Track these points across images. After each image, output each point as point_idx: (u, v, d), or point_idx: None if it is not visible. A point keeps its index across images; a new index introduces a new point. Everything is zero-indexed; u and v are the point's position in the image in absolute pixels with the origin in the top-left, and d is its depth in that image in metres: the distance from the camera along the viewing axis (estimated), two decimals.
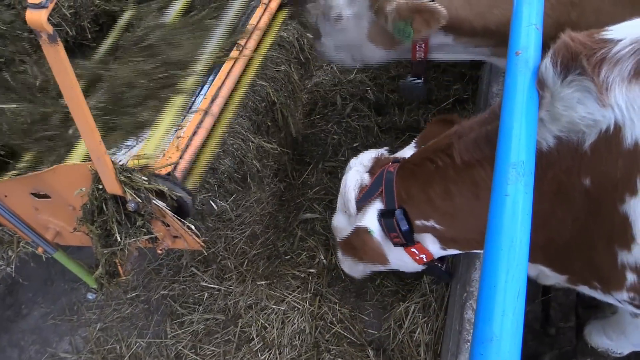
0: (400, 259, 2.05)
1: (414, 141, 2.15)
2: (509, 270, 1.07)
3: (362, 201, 1.98)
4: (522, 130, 1.30)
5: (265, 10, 2.48)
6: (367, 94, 3.47)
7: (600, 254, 1.59)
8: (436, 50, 2.47)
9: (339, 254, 2.28)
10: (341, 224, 2.14)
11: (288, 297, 2.77)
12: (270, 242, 3.03)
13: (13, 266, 2.47)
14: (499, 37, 2.18)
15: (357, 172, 2.02)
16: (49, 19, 1.25)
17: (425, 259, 2.01)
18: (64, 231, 2.18)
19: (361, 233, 1.97)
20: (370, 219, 1.95)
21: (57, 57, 1.30)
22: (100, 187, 1.67)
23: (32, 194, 2.01)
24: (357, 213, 2.00)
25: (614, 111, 1.36)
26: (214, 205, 1.96)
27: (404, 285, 2.75)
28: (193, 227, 1.81)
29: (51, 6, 1.24)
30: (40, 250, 2.22)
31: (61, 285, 3.29)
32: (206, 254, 2.97)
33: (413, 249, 1.97)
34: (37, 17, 1.23)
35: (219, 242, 3.05)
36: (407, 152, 2.08)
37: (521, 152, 1.26)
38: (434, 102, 3.37)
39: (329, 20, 2.46)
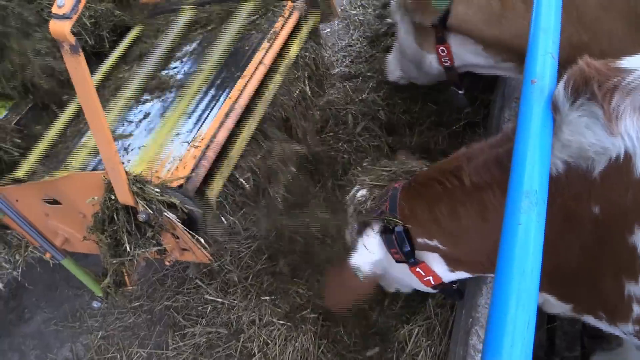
0: (404, 275, 2.03)
1: None
2: (519, 300, 1.07)
3: (370, 215, 1.95)
4: (535, 159, 1.30)
5: (283, 25, 2.50)
6: (378, 114, 3.48)
7: (607, 285, 1.57)
8: (469, 60, 2.55)
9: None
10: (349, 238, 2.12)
11: (292, 314, 2.76)
12: (276, 257, 3.02)
13: (19, 270, 2.48)
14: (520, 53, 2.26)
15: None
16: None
17: (432, 282, 1.99)
18: (73, 238, 2.19)
19: (348, 271, 1.93)
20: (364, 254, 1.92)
21: (77, 67, 1.32)
22: (113, 197, 1.68)
23: (44, 200, 2.03)
24: (358, 232, 1.97)
25: (624, 140, 1.35)
26: (223, 220, 1.97)
27: (408, 307, 2.73)
28: (202, 241, 1.81)
29: (75, 17, 1.26)
30: (48, 255, 2.23)
31: (65, 291, 3.30)
32: (213, 266, 2.97)
33: (418, 269, 1.95)
34: (60, 28, 1.25)
35: (225, 255, 3.04)
36: None
37: (534, 181, 1.26)
38: (445, 125, 3.37)
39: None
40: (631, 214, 1.40)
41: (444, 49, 2.52)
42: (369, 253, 1.90)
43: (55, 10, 1.24)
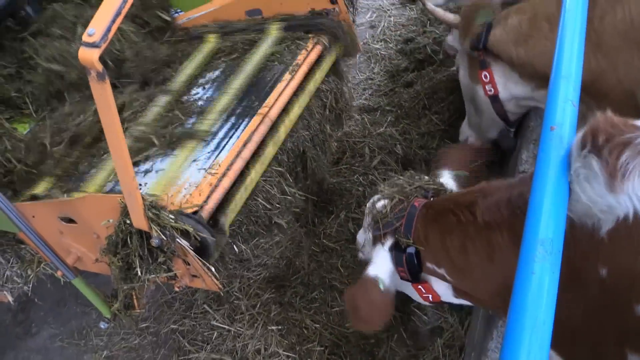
0: (405, 287, 2.01)
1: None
2: (531, 351, 1.05)
3: (384, 229, 1.95)
4: (552, 207, 1.28)
5: (305, 58, 2.54)
6: (395, 148, 3.49)
7: (609, 351, 1.48)
8: (511, 89, 2.61)
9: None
10: (362, 240, 2.14)
11: (298, 346, 2.73)
12: (285, 287, 3.01)
13: (30, 285, 2.50)
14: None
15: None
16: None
17: (431, 299, 1.98)
18: (85, 257, 2.21)
19: (369, 282, 1.91)
20: (380, 265, 1.92)
21: (103, 94, 1.35)
22: (128, 221, 1.69)
23: (59, 217, 2.05)
24: (373, 242, 1.99)
25: (632, 201, 1.27)
26: (235, 248, 1.97)
27: (417, 345, 2.69)
28: (213, 269, 1.81)
29: (104, 47, 1.30)
30: (59, 273, 2.25)
31: (73, 308, 3.31)
32: (221, 292, 2.96)
33: (420, 286, 1.94)
34: (89, 55, 1.28)
35: (234, 281, 3.04)
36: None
37: (550, 229, 1.24)
38: None
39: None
40: None
41: (487, 74, 2.59)
42: (386, 263, 1.91)
43: (85, 38, 1.28)
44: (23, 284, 2.46)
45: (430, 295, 1.95)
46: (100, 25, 1.28)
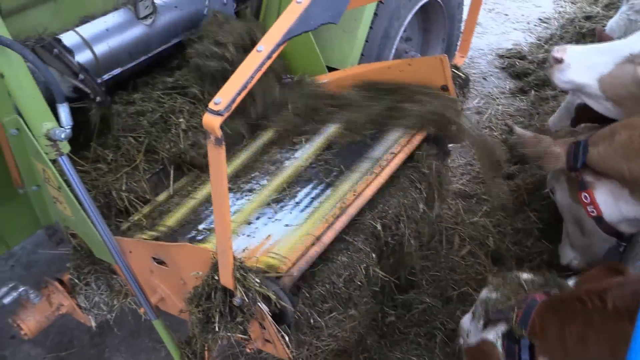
0: None
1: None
2: None
3: (496, 315, 1.97)
4: None
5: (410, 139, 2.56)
6: (487, 240, 3.38)
7: None
8: (619, 210, 2.48)
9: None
10: (468, 326, 2.14)
11: None
12: None
13: (113, 315, 2.61)
14: None
15: None
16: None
17: None
18: (169, 299, 2.29)
19: (487, 345, 1.93)
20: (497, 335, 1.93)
21: (217, 157, 1.43)
22: (216, 277, 1.75)
23: (153, 258, 2.15)
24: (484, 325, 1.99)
25: None
26: (312, 320, 1.96)
27: None
28: (287, 339, 1.81)
29: (226, 115, 1.39)
30: (142, 310, 2.34)
31: (145, 342, 3.40)
32: None
33: None
34: (212, 122, 1.38)
35: (303, 348, 2.99)
36: None
37: None
38: (557, 267, 3.18)
39: None
40: None
41: (587, 195, 2.48)
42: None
43: (211, 105, 1.38)
44: (107, 312, 2.57)
45: None
46: (226, 96, 1.38)
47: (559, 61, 2.54)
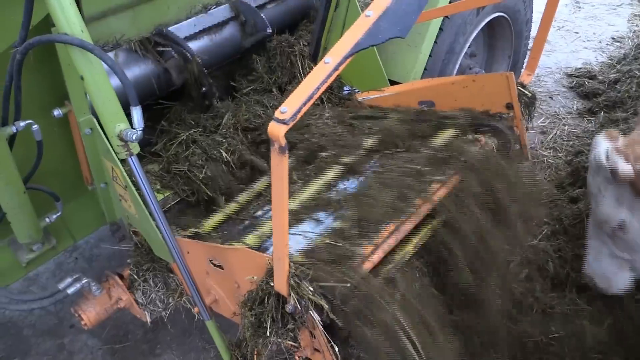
0: None
1: None
2: None
3: None
4: None
5: None
6: (546, 265, 3.26)
7: None
8: None
9: None
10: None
11: None
12: None
13: (168, 312, 2.69)
14: None
15: None
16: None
17: None
18: (222, 301, 2.33)
19: None
20: None
21: (280, 165, 1.46)
22: (271, 282, 1.77)
23: (210, 260, 2.21)
24: None
25: None
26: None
27: None
28: (336, 349, 1.81)
29: (291, 124, 1.41)
30: (196, 310, 2.39)
31: (196, 341, 3.48)
32: None
33: None
34: (277, 130, 1.41)
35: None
36: None
37: None
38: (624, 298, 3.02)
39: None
40: None
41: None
42: None
43: (277, 114, 1.40)
44: (162, 309, 2.64)
45: None
46: (292, 106, 1.41)
47: None
